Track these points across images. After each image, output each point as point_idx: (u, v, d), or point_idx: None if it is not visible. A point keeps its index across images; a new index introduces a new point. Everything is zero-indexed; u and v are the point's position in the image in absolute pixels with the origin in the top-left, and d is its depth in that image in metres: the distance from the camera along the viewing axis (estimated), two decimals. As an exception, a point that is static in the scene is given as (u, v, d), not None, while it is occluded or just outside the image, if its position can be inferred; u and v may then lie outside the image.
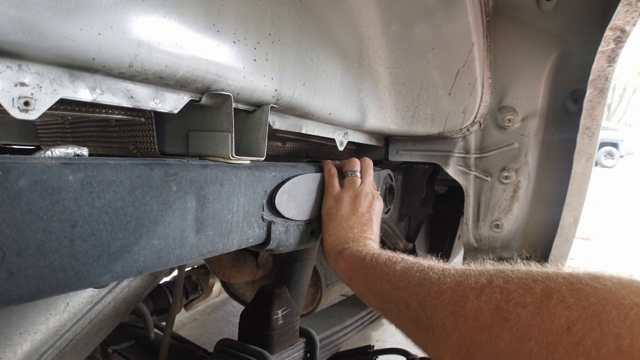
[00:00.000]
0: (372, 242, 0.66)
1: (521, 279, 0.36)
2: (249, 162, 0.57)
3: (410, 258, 0.53)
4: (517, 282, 0.36)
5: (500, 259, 1.18)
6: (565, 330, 0.30)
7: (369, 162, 0.76)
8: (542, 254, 1.12)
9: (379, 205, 0.73)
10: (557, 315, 0.31)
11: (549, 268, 0.36)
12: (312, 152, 1.21)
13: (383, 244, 0.70)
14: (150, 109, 0.46)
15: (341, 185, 0.72)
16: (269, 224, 0.61)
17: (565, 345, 0.29)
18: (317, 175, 0.71)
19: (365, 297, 0.57)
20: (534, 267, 0.38)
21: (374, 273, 0.54)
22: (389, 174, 0.98)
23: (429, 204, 1.37)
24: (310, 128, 0.73)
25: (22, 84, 0.34)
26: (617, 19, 0.74)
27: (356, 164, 0.74)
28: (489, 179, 1.11)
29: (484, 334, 0.35)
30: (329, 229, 0.69)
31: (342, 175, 0.74)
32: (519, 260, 0.40)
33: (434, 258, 0.52)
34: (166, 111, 0.48)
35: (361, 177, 0.73)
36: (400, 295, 0.48)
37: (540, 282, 0.34)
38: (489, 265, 0.41)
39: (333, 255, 0.65)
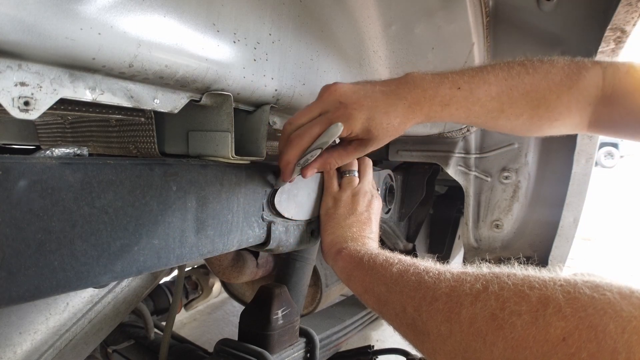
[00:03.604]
0: (371, 240, 0.66)
1: (517, 285, 0.35)
2: (249, 162, 0.57)
3: (408, 259, 0.53)
4: (513, 289, 0.35)
5: (500, 259, 1.18)
6: (560, 340, 0.30)
7: (368, 162, 0.76)
8: (542, 254, 1.12)
9: (377, 204, 0.73)
10: (552, 325, 0.31)
11: (547, 274, 0.36)
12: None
13: (383, 243, 0.70)
14: (150, 108, 0.46)
15: (340, 185, 0.72)
16: (269, 224, 0.61)
17: (561, 356, 0.29)
18: (317, 175, 0.71)
19: (363, 297, 0.57)
20: (532, 271, 0.37)
21: (371, 275, 0.54)
22: (389, 174, 0.97)
23: (429, 204, 1.37)
24: (310, 128, 0.73)
25: (22, 84, 0.34)
26: (617, 19, 0.74)
27: (354, 163, 0.74)
28: (489, 179, 1.11)
29: (479, 342, 0.35)
30: (327, 228, 0.69)
31: (340, 175, 0.74)
32: (516, 264, 0.40)
33: (431, 259, 0.52)
34: (166, 111, 0.48)
35: (360, 177, 0.73)
36: (397, 298, 0.48)
37: (536, 289, 0.34)
38: (486, 269, 0.41)
39: (332, 255, 0.65)
